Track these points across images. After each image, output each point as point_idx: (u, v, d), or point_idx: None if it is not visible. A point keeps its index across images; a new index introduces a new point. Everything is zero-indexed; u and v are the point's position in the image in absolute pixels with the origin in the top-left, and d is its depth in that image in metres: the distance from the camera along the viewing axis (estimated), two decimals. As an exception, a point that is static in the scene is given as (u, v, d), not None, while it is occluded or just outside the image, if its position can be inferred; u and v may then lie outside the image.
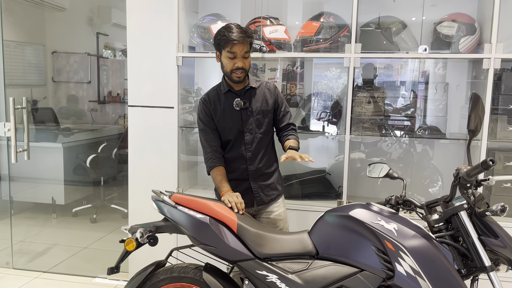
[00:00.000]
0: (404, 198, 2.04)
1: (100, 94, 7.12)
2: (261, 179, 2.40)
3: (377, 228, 1.79)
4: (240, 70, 2.25)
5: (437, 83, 2.99)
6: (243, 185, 2.38)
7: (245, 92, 2.36)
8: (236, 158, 2.38)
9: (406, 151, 3.32)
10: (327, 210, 2.00)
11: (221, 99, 2.37)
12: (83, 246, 4.13)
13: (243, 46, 2.22)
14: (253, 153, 2.37)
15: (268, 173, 2.42)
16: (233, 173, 2.39)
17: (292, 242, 1.96)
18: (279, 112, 2.41)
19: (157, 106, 3.09)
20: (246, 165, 2.37)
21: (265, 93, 2.39)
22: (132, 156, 3.21)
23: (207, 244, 1.98)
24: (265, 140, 2.39)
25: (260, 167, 2.38)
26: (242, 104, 2.31)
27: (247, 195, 2.36)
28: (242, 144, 2.36)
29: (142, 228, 2.08)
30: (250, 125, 2.35)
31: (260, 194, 2.40)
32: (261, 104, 2.36)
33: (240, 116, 2.34)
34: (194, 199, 2.08)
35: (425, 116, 3.14)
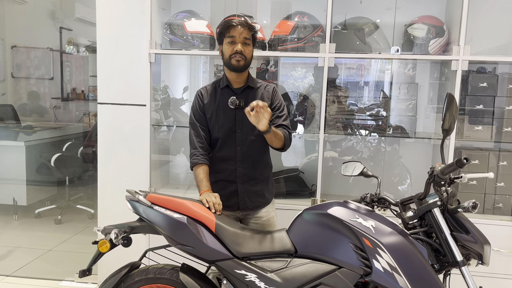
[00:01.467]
0: (379, 196, 2.09)
1: (63, 91, 6.89)
2: (249, 184, 2.31)
3: (355, 225, 1.82)
4: (239, 55, 2.16)
5: (407, 84, 3.08)
6: (230, 187, 2.31)
7: (243, 91, 2.28)
8: (226, 159, 2.30)
9: (377, 150, 3.39)
10: (305, 208, 2.01)
11: (217, 94, 2.30)
12: (48, 249, 3.98)
13: (242, 30, 2.16)
14: (244, 155, 2.29)
15: (257, 179, 2.33)
16: (221, 174, 2.32)
17: (270, 241, 1.96)
18: (274, 113, 2.28)
19: (129, 104, 3.01)
20: (235, 167, 2.30)
21: (263, 94, 2.30)
22: (102, 155, 3.12)
23: (184, 244, 1.95)
24: (258, 143, 2.28)
25: (249, 171, 2.30)
26: (237, 103, 2.23)
27: (233, 198, 2.31)
28: (233, 144, 2.29)
29: (116, 229, 2.02)
30: (244, 125, 2.25)
31: (245, 199, 2.32)
32: None
33: (234, 115, 2.27)
34: (170, 199, 2.04)
35: (394, 116, 3.22)
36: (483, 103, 2.76)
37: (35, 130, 5.35)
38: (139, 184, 3.03)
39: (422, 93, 3.12)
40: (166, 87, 3.44)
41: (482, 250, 1.82)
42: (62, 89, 6.87)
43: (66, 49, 6.79)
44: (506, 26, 2.91)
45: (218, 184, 2.29)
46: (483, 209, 2.83)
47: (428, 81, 3.12)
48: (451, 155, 2.66)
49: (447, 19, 2.86)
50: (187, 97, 3.53)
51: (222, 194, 2.23)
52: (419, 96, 3.08)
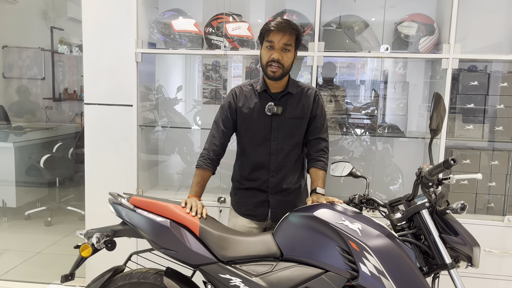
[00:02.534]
0: (367, 197, 2.04)
1: (55, 91, 6.83)
2: (282, 194, 2.20)
3: (341, 228, 1.78)
4: (276, 64, 2.03)
5: (397, 83, 3.04)
6: (261, 196, 2.22)
7: (281, 97, 2.15)
8: (259, 167, 2.19)
9: (368, 149, 3.35)
10: (292, 210, 1.97)
11: (254, 97, 2.17)
12: (37, 251, 3.93)
13: (282, 36, 2.01)
14: (278, 165, 2.17)
15: (290, 190, 2.22)
16: (253, 182, 2.21)
17: (256, 244, 1.92)
18: (314, 123, 2.18)
19: (115, 104, 2.96)
20: (268, 177, 2.19)
21: (303, 100, 2.16)
22: (89, 156, 3.07)
23: (168, 248, 1.90)
24: (294, 153, 2.18)
25: (283, 182, 2.19)
26: (275, 110, 2.11)
27: (262, 207, 2.22)
28: (267, 152, 2.17)
29: (98, 233, 1.97)
30: (280, 134, 2.14)
31: (277, 210, 2.20)
32: (296, 113, 2.15)
33: (271, 122, 2.14)
34: (153, 202, 2.00)
35: (386, 115, 3.19)
36: (474, 101, 2.72)
37: (25, 131, 5.29)
38: (127, 186, 2.98)
39: (415, 92, 3.08)
40: (161, 87, 3.39)
41: (472, 252, 1.79)
42: (53, 89, 6.80)
43: (59, 49, 6.72)
44: (498, 25, 2.88)
45: (248, 191, 2.23)
46: (475, 209, 2.79)
47: (420, 79, 3.09)
48: (442, 155, 2.62)
49: (438, 17, 2.82)
50: (180, 97, 3.49)
51: (249, 202, 2.22)
52: (411, 95, 3.04)
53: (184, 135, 3.52)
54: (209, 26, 2.91)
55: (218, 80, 3.23)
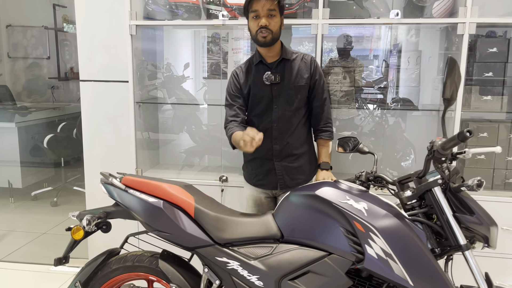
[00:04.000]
0: (375, 174, 1.91)
1: (60, 70, 6.73)
2: (287, 160, 2.21)
3: (345, 208, 1.64)
4: (265, 30, 2.04)
5: (409, 52, 2.84)
6: (267, 165, 2.22)
7: (278, 65, 2.16)
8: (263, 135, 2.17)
9: (378, 124, 3.18)
10: (292, 189, 1.84)
11: (252, 71, 2.20)
12: (42, 232, 3.89)
13: (265, 3, 2.02)
14: (280, 131, 2.18)
15: (296, 155, 2.22)
16: (258, 151, 2.04)
17: (254, 225, 1.80)
18: (315, 89, 2.20)
19: (111, 80, 2.84)
20: (271, 144, 2.19)
21: (300, 66, 2.17)
22: (87, 135, 2.97)
23: (161, 230, 1.80)
24: (295, 118, 2.19)
25: (287, 147, 2.19)
26: (273, 79, 2.13)
27: (270, 176, 2.23)
28: (269, 120, 2.18)
29: (89, 215, 1.88)
30: (281, 101, 2.16)
31: (284, 177, 2.22)
32: (294, 79, 2.16)
33: (270, 90, 2.16)
34: (146, 181, 1.89)
35: (398, 87, 3.00)
36: (492, 70, 2.52)
37: (30, 111, 5.22)
38: (126, 165, 2.89)
39: (429, 64, 2.87)
40: (169, 65, 3.26)
41: (488, 232, 1.64)
42: (58, 68, 6.71)
43: (64, 28, 6.59)
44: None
45: (255, 161, 2.25)
46: (492, 185, 2.62)
47: (435, 51, 2.87)
48: (457, 128, 2.44)
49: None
50: (188, 74, 3.35)
51: (259, 172, 2.23)
52: (424, 67, 2.83)
53: (192, 113, 3.39)
54: (207, -5, 2.74)
55: (219, 53, 3.07)
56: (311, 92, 2.20)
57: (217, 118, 3.22)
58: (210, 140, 3.34)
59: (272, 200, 2.33)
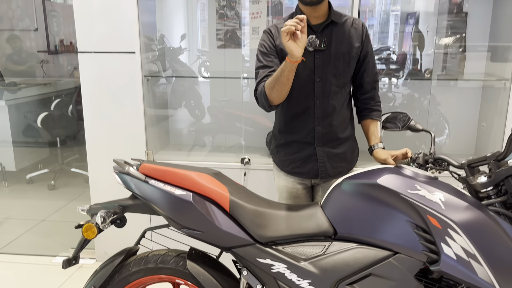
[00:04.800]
0: (436, 156, 1.62)
1: (49, 43, 6.30)
2: (329, 145, 1.89)
3: (416, 199, 1.37)
4: None
5: (452, 14, 2.52)
6: (307, 150, 1.89)
7: (324, 28, 1.80)
8: (301, 114, 1.86)
9: (409, 96, 2.90)
10: (345, 177, 1.56)
11: None
12: (41, 219, 3.60)
13: None
14: (323, 110, 1.84)
15: (340, 139, 1.90)
16: (295, 134, 1.88)
17: (302, 220, 1.52)
18: (365, 62, 1.86)
19: (115, 52, 2.50)
20: (313, 125, 1.85)
21: (351, 33, 1.82)
22: (88, 114, 2.65)
23: (191, 228, 1.52)
24: (341, 96, 1.86)
25: (330, 130, 1.87)
26: (317, 44, 1.68)
27: (310, 163, 1.90)
28: (310, 97, 1.83)
29: (103, 211, 1.58)
30: (325, 73, 1.80)
31: (326, 165, 1.89)
32: (344, 47, 1.81)
33: (313, 59, 1.80)
34: (169, 170, 1.59)
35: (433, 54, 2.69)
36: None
37: (20, 87, 4.84)
38: (134, 147, 2.59)
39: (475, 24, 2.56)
40: (163, 36, 2.94)
41: None
42: (47, 41, 6.28)
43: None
44: None
45: (291, 146, 1.91)
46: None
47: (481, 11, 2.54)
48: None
49: None
50: (185, 46, 3.02)
51: (296, 159, 1.91)
52: (470, 29, 2.51)
53: (191, 87, 3.09)
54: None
55: (235, 18, 2.72)
56: (361, 65, 1.86)
57: (230, 92, 2.91)
58: (223, 116, 3.04)
59: (309, 191, 2.01)
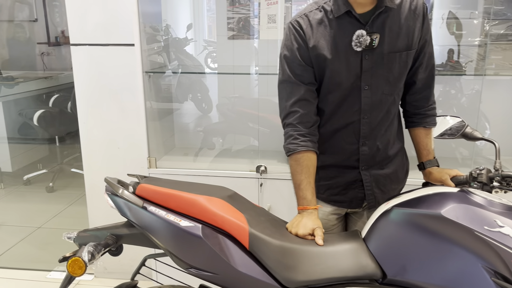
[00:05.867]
0: (504, 173, 1.29)
1: (50, 34, 6.00)
2: (377, 167, 1.48)
3: (498, 240, 1.04)
4: None
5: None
6: (349, 175, 1.48)
7: (376, 18, 1.35)
8: (343, 132, 1.44)
9: (445, 93, 2.55)
10: (395, 204, 1.23)
11: (330, 27, 1.37)
12: (37, 226, 3.32)
13: None
14: (371, 125, 1.43)
15: (389, 157, 1.50)
16: (334, 155, 1.47)
17: (340, 259, 1.20)
18: (422, 54, 1.43)
19: (111, 44, 2.19)
20: (358, 144, 1.44)
21: (408, 19, 1.36)
22: (83, 114, 2.34)
23: (201, 269, 1.20)
24: (394, 106, 1.45)
25: (379, 149, 1.46)
26: (368, 42, 1.32)
27: (353, 190, 1.51)
28: (356, 109, 1.41)
29: (91, 244, 1.28)
30: (375, 78, 1.38)
31: (374, 191, 1.49)
32: (401, 42, 1.38)
33: (360, 61, 1.37)
34: (174, 193, 1.27)
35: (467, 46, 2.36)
36: None
37: (18, 81, 4.54)
38: (135, 152, 2.30)
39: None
40: (168, 27, 2.65)
41: None
42: (48, 32, 5.98)
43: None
44: None
45: (329, 170, 1.50)
46: None
47: None
48: None
49: None
50: (191, 36, 2.74)
51: (334, 185, 1.51)
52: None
53: (198, 80, 2.82)
54: None
55: (248, 5, 2.39)
56: (417, 59, 1.45)
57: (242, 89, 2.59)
58: (234, 115, 2.72)
59: (342, 220, 1.62)
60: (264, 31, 2.37)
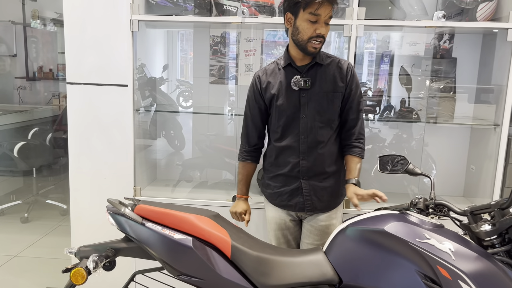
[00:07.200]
0: (437, 201, 1.61)
1: (28, 69, 6.17)
2: (316, 179, 1.94)
3: (426, 249, 1.34)
4: (320, 39, 1.80)
5: (443, 59, 2.58)
6: (293, 184, 1.95)
7: (309, 69, 1.90)
8: (288, 149, 1.93)
9: (398, 137, 2.93)
10: (350, 223, 1.52)
11: (278, 75, 1.94)
12: (12, 254, 3.40)
13: (329, 9, 1.77)
14: (309, 146, 1.91)
15: (326, 173, 1.95)
16: (282, 167, 1.96)
17: (305, 267, 1.47)
18: (349, 100, 1.92)
19: (106, 84, 2.44)
20: (299, 160, 1.92)
21: (335, 72, 1.90)
22: (73, 146, 2.54)
23: (190, 275, 1.44)
24: (326, 131, 1.92)
25: (316, 164, 1.92)
26: (302, 84, 1.86)
27: (296, 197, 1.96)
28: (296, 132, 1.91)
29: (95, 255, 1.49)
30: (310, 110, 1.89)
31: (312, 198, 1.94)
32: (328, 85, 1.90)
33: (299, 97, 1.89)
34: (168, 212, 1.52)
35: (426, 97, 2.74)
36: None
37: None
38: (121, 182, 2.50)
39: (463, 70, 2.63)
40: (143, 66, 2.90)
41: None
42: (27, 67, 6.15)
43: (32, 24, 6.04)
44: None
45: (278, 179, 1.99)
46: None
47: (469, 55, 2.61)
48: (504, 146, 2.20)
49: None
50: (166, 76, 3.02)
51: (283, 192, 1.98)
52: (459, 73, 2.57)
53: (171, 117, 3.05)
54: (220, -12, 2.39)
55: (229, 55, 2.72)
56: (345, 103, 1.93)
57: (216, 127, 2.88)
58: (212, 152, 2.99)
59: (297, 223, 2.06)
60: (242, 77, 2.71)
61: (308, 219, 2.00)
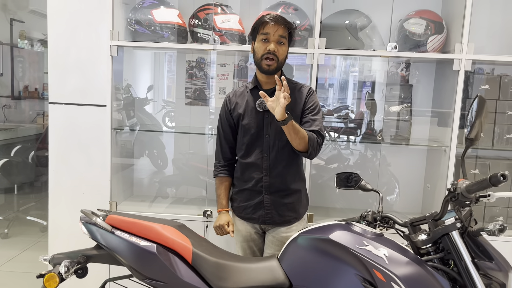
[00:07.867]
0: (383, 214, 1.79)
1: (14, 88, 6.28)
2: (278, 195, 2.08)
3: (364, 254, 1.51)
4: (272, 56, 1.95)
5: (399, 85, 2.81)
6: (256, 198, 2.09)
7: (273, 92, 1.97)
8: (252, 166, 2.08)
9: (363, 157, 3.12)
10: (301, 232, 1.69)
11: (246, 96, 2.11)
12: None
13: (277, 28, 1.94)
14: (272, 163, 2.06)
15: (288, 190, 2.09)
16: (247, 182, 2.11)
17: (259, 272, 1.62)
18: (306, 115, 2.04)
19: (86, 104, 2.59)
20: (262, 175, 2.06)
21: (296, 95, 2.06)
22: (54, 163, 2.68)
23: (153, 279, 1.58)
24: (288, 151, 2.04)
25: (278, 180, 2.07)
26: (265, 106, 1.99)
27: (259, 211, 2.10)
28: (260, 150, 2.07)
29: (67, 260, 1.62)
30: (272, 130, 2.04)
31: (272, 212, 2.08)
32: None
33: (263, 118, 2.06)
34: (135, 222, 1.67)
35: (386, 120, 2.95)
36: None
37: (-22, 131, 4.78)
38: (98, 197, 2.63)
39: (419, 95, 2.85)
40: (129, 86, 3.06)
41: (506, 279, 1.55)
42: (12, 86, 6.26)
43: (19, 44, 6.19)
44: (505, 24, 2.70)
45: (243, 193, 2.13)
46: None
47: (424, 82, 2.84)
48: (452, 165, 2.40)
49: (444, 15, 2.62)
50: (151, 97, 3.16)
51: (247, 206, 2.12)
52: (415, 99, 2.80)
53: (155, 137, 3.19)
54: (194, 17, 2.59)
55: (203, 78, 2.91)
56: (303, 119, 2.05)
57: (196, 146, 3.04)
58: (187, 169, 3.14)
59: (262, 235, 2.19)
60: (216, 99, 2.89)
61: (270, 230, 2.13)
